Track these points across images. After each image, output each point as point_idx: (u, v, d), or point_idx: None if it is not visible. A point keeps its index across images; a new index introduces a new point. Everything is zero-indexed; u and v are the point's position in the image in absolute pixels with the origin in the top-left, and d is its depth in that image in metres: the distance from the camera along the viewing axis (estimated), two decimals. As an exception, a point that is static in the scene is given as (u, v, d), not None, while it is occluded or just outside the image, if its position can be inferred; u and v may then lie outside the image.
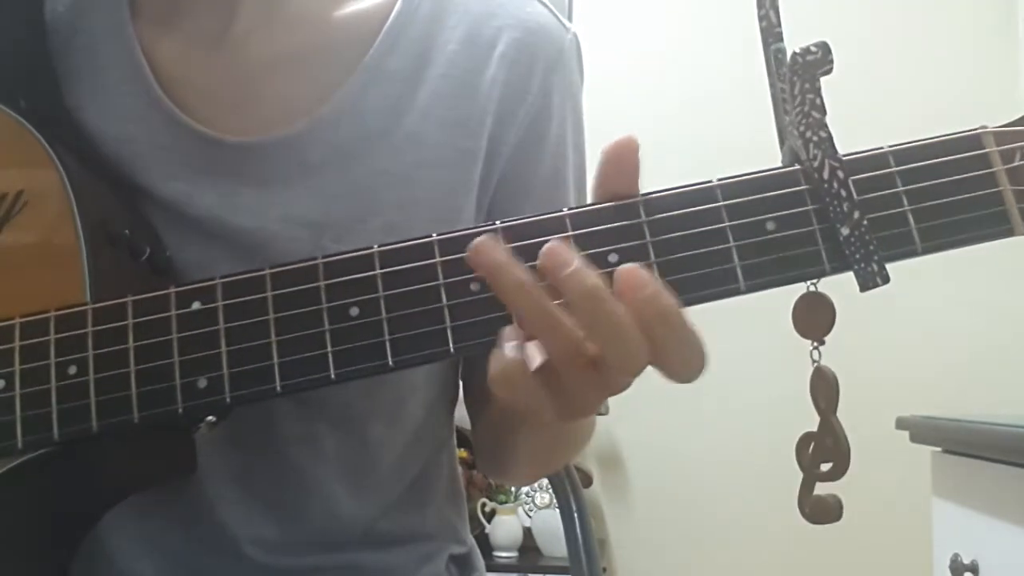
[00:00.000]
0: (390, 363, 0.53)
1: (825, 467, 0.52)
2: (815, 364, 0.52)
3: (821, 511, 0.52)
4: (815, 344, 0.52)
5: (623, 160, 0.51)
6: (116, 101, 0.69)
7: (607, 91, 2.51)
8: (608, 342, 0.46)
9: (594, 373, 0.48)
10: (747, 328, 1.93)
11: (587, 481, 2.55)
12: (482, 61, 0.73)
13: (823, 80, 0.50)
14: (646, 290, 0.46)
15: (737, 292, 0.51)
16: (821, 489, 0.53)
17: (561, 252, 0.46)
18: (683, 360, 0.47)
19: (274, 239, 0.66)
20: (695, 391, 0.59)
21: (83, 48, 0.70)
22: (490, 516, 2.66)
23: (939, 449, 1.60)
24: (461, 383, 0.83)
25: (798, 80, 0.49)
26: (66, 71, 0.69)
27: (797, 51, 0.48)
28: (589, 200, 0.53)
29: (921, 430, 1.61)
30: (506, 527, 2.63)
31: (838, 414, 0.52)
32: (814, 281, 0.51)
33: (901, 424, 1.64)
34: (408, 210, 0.69)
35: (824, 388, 0.52)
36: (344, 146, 0.69)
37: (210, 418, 0.59)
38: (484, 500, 2.65)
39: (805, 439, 0.53)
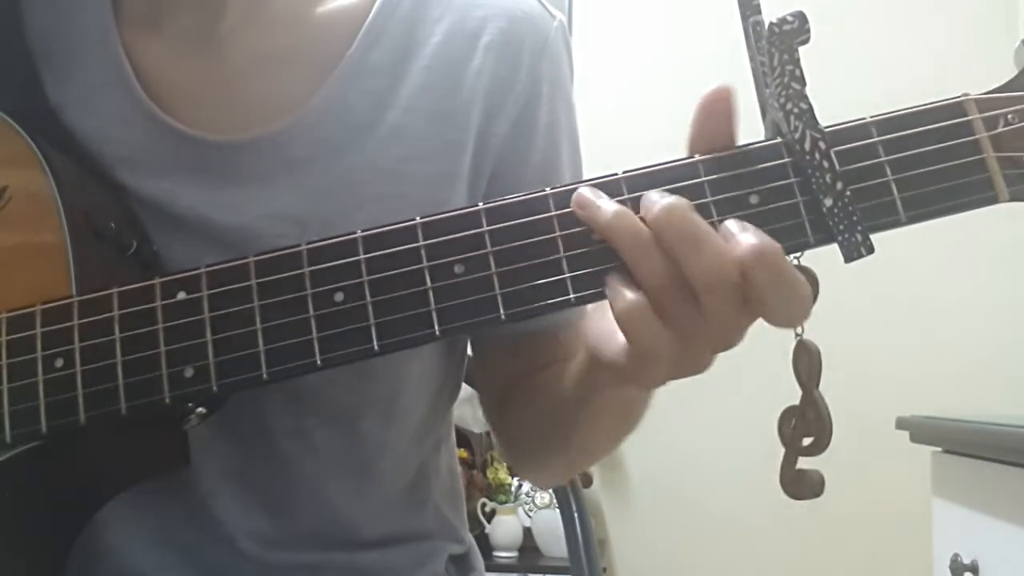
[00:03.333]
0: (375, 347, 0.53)
1: (807, 441, 0.52)
2: (798, 337, 0.52)
3: (803, 486, 0.52)
4: None
5: (716, 113, 0.51)
6: (99, 103, 0.69)
7: (605, 89, 2.52)
8: (696, 274, 0.48)
9: (696, 311, 0.48)
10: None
11: (587, 481, 2.54)
12: (467, 52, 0.73)
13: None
14: (745, 233, 0.48)
15: None
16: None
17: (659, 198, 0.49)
18: (782, 301, 0.48)
19: (259, 236, 0.66)
20: (695, 391, 0.59)
21: (66, 50, 0.70)
22: (490, 516, 2.65)
23: (939, 449, 1.59)
24: (480, 382, 0.82)
25: (776, 51, 0.49)
26: (49, 73, 0.69)
27: (774, 21, 0.48)
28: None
29: (921, 430, 1.60)
30: (506, 527, 2.63)
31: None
32: (797, 255, 0.51)
33: (901, 424, 1.63)
34: (393, 203, 0.69)
35: (807, 361, 0.52)
36: (328, 141, 0.69)
37: (200, 409, 0.59)
38: (484, 500, 2.65)
39: (787, 413, 0.53)
